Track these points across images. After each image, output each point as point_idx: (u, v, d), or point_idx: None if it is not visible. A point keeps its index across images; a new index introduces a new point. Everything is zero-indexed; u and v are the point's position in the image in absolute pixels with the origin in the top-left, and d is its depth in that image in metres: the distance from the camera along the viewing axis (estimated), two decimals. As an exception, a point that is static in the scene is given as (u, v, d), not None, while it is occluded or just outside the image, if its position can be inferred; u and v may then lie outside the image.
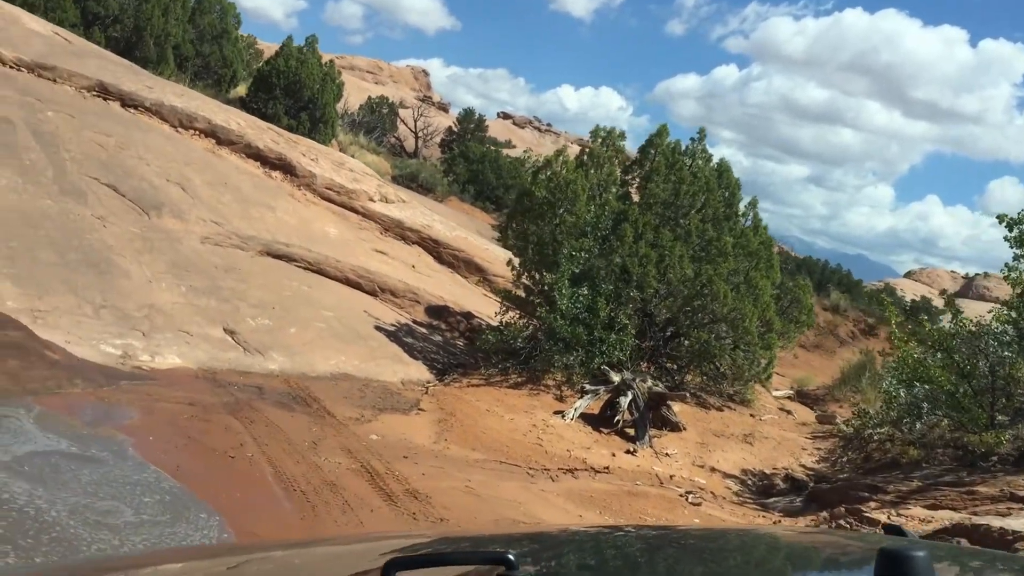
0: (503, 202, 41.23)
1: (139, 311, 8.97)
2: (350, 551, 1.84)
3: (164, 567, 1.79)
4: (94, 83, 13.76)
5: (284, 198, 14.52)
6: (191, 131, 14.67)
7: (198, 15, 29.49)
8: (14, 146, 10.66)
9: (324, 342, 10.69)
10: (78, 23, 24.93)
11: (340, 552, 1.85)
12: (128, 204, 11.14)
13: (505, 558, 1.19)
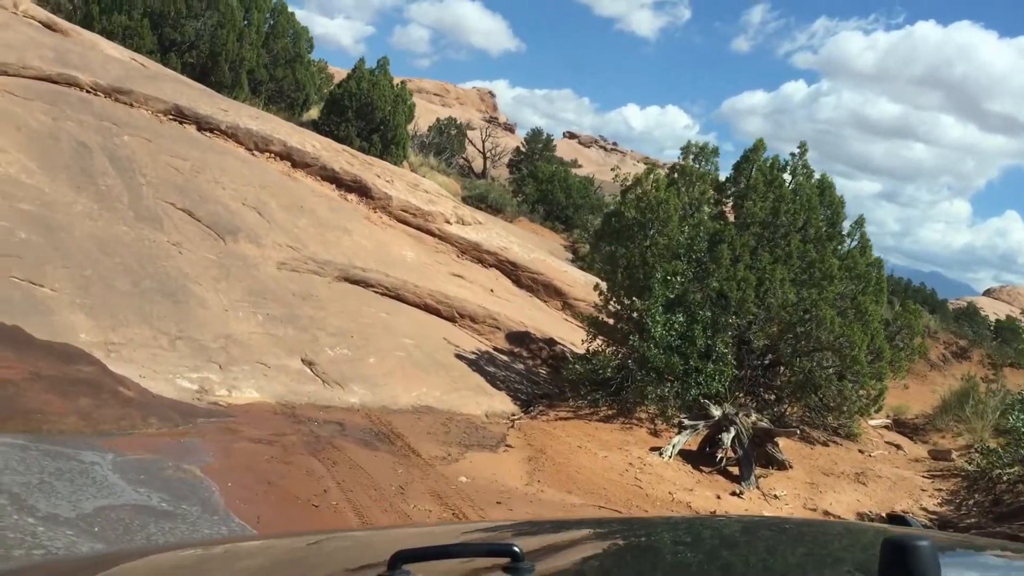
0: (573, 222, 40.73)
1: (216, 342, 8.56)
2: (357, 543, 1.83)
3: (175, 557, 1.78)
4: (170, 107, 13.57)
5: (360, 221, 14.12)
6: (266, 154, 14.39)
7: (272, 40, 29.60)
8: (90, 171, 10.42)
9: (405, 372, 10.17)
10: (155, 50, 25.15)
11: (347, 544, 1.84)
12: (204, 229, 10.81)
13: (511, 549, 1.18)
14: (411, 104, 31.42)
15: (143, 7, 25.62)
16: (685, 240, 10.94)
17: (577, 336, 14.78)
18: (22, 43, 12.59)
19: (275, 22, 30.14)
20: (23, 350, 6.72)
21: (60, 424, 6.00)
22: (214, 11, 26.52)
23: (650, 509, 7.87)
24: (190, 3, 26.12)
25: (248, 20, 28.26)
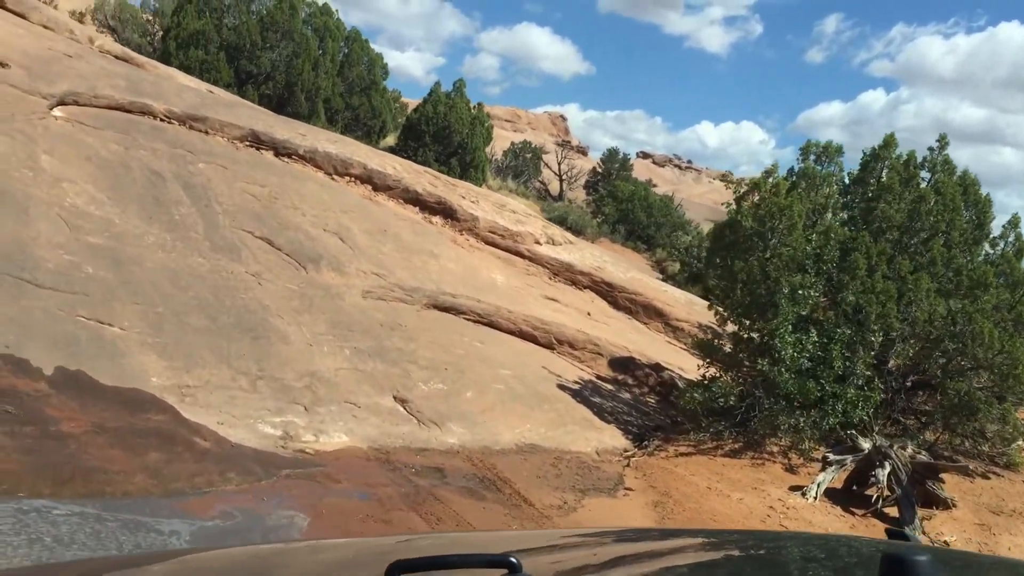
0: (655, 241, 39.51)
1: (300, 381, 7.70)
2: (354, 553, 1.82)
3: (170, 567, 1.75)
4: (246, 132, 12.95)
5: (446, 244, 13.26)
6: (346, 178, 13.67)
7: (347, 68, 29.26)
8: (164, 200, 9.76)
9: (505, 407, 9.19)
10: (232, 83, 24.96)
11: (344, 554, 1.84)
12: (284, 258, 10.04)
13: (508, 561, 1.18)
14: (489, 126, 30.71)
15: (219, 41, 25.48)
16: (812, 250, 9.74)
17: (683, 360, 13.61)
18: (94, 73, 12.13)
19: (349, 50, 29.82)
20: (87, 398, 5.94)
21: (126, 484, 5.16)
22: (289, 41, 26.25)
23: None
24: (265, 35, 25.89)
25: (323, 49, 27.96)
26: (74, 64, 12.17)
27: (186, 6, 26.15)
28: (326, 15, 29.15)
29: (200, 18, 25.88)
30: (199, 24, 25.41)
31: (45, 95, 10.52)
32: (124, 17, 34.45)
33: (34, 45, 12.28)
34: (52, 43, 13.01)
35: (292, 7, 26.68)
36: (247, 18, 26.28)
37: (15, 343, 6.13)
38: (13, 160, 8.42)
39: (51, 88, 10.77)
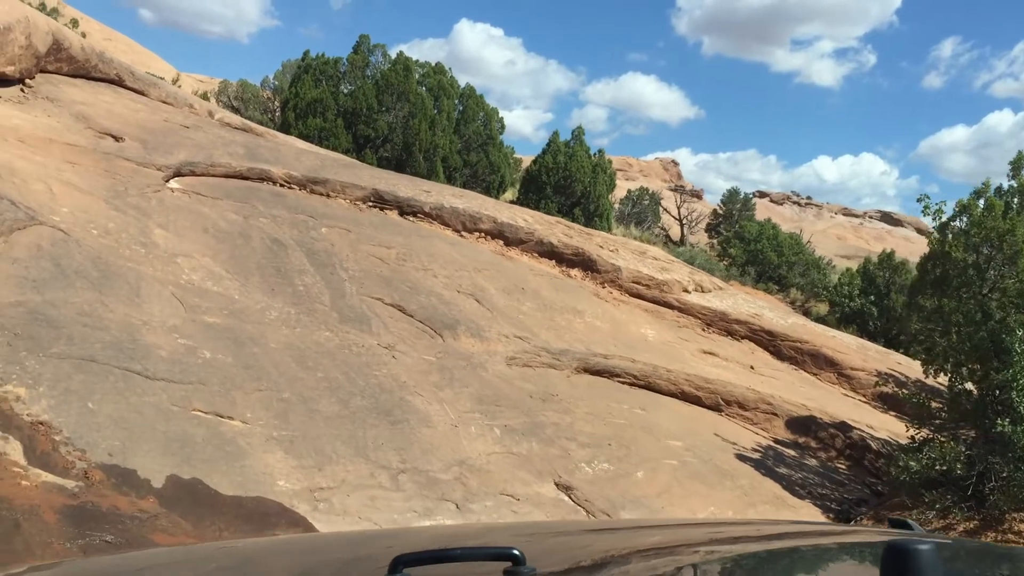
0: (787, 281, 37.38)
1: (447, 471, 6.53)
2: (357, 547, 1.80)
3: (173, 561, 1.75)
4: (369, 193, 12.13)
5: (589, 299, 12.02)
6: (476, 233, 12.66)
7: (463, 125, 28.74)
8: (286, 270, 8.88)
9: (683, 487, 7.79)
10: (351, 148, 24.70)
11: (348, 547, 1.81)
12: (418, 326, 8.99)
13: (512, 553, 1.16)
14: (611, 173, 29.58)
15: (336, 108, 25.33)
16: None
17: (867, 415, 11.88)
18: (211, 142, 11.55)
19: (464, 107, 29.31)
20: (203, 514, 4.91)
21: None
22: (405, 103, 25.88)
23: None
24: (381, 98, 25.61)
25: (438, 108, 27.53)
26: (191, 134, 11.63)
27: (303, 76, 26.19)
28: (439, 74, 28.80)
29: (317, 87, 25.84)
30: (316, 92, 25.34)
31: (160, 167, 9.91)
32: (246, 97, 35.16)
33: (151, 119, 11.83)
34: (169, 116, 12.58)
35: (406, 68, 26.38)
36: (363, 83, 26.09)
37: (121, 449, 5.18)
38: (124, 237, 7.68)
39: (167, 159, 10.17)
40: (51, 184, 7.84)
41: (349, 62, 26.71)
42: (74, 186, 8.21)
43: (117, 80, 13.56)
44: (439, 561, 1.21)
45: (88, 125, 10.31)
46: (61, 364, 5.67)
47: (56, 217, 7.26)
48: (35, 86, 10.98)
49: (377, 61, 27.34)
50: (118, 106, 11.81)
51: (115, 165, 9.41)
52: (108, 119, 10.80)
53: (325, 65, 26.41)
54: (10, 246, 6.51)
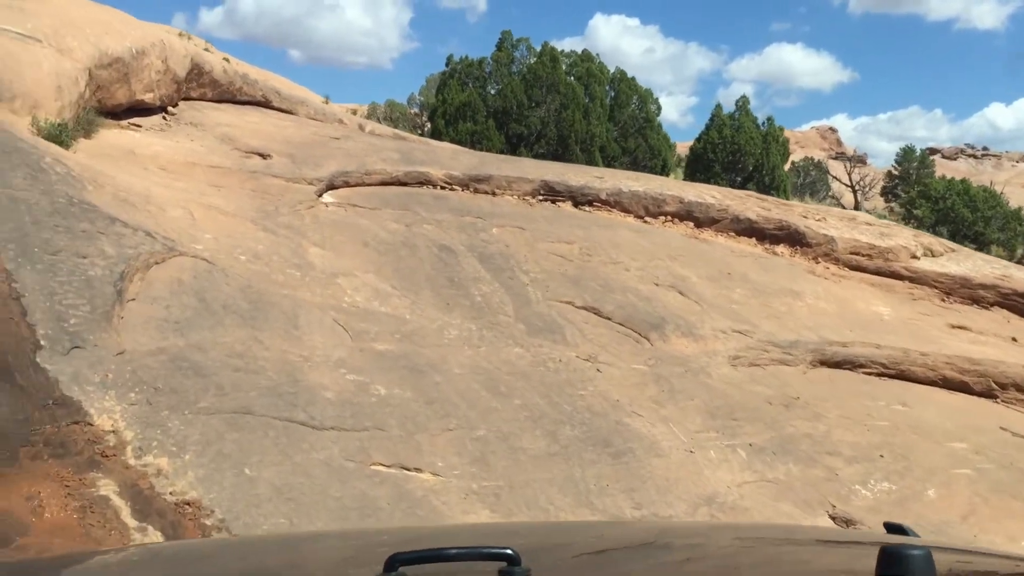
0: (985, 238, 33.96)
1: (694, 513, 5.09)
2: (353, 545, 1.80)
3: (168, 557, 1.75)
4: (537, 185, 10.84)
5: (804, 277, 10.26)
6: (661, 217, 11.13)
7: (616, 111, 27.23)
8: (459, 280, 7.68)
9: (990, 505, 6.03)
10: (504, 148, 23.69)
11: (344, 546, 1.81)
12: (618, 330, 7.59)
13: (507, 553, 1.17)
14: (784, 141, 27.27)
15: (485, 109, 24.40)
16: None
17: None
18: (362, 150, 10.58)
19: (617, 92, 27.79)
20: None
21: None
22: (555, 95, 24.63)
23: None
24: (531, 93, 24.47)
25: (590, 96, 26.13)
26: (341, 144, 10.71)
27: (449, 82, 25.43)
28: (587, 61, 27.42)
29: (463, 90, 25.00)
30: (463, 96, 24.49)
31: (311, 180, 8.95)
32: (395, 116, 34.99)
33: (299, 134, 11.00)
34: (318, 130, 11.75)
35: (554, 60, 25.15)
36: (510, 80, 25.04)
37: (288, 528, 4.02)
38: (276, 260, 6.65)
39: (317, 172, 9.22)
40: (192, 209, 6.93)
41: (494, 60, 25.73)
42: (218, 209, 7.30)
43: (264, 102, 12.91)
44: (434, 560, 1.20)
45: (233, 146, 9.50)
46: (211, 421, 4.60)
47: (198, 245, 6.30)
48: (177, 113, 10.32)
49: (522, 56, 26.23)
50: (265, 125, 11.04)
51: (263, 183, 8.51)
52: (254, 138, 9.98)
53: (470, 67, 25.55)
54: (147, 284, 5.55)
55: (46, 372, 4.52)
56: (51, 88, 7.81)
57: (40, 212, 5.53)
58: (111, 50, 9.00)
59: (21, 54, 7.89)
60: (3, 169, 5.80)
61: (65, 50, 8.39)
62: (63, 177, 6.15)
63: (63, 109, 7.80)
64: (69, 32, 8.70)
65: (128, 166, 7.72)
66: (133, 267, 5.51)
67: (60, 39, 8.47)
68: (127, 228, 5.90)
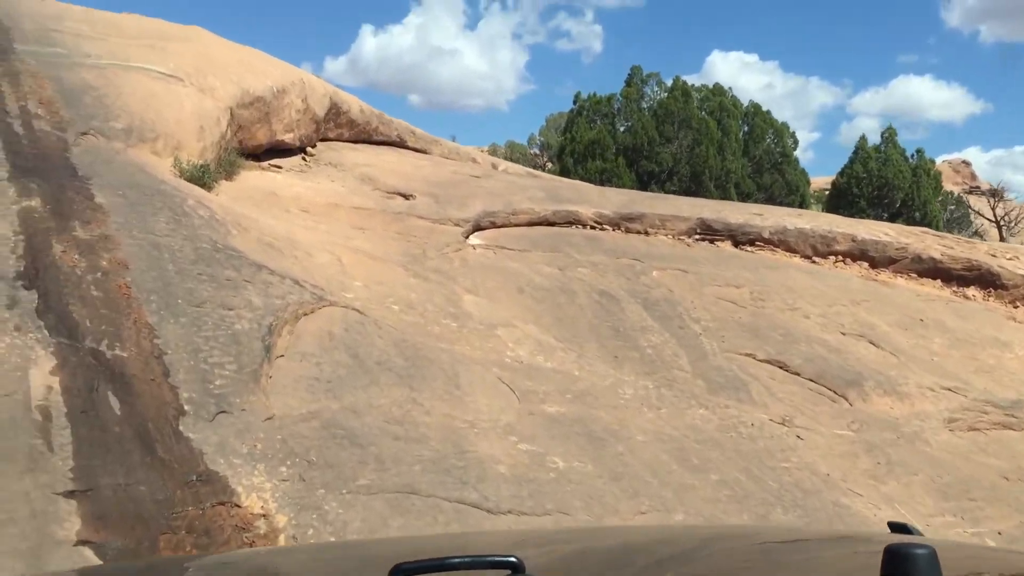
0: None
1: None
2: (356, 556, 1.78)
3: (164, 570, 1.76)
4: (693, 224, 9.98)
5: (1006, 325, 9.02)
6: (831, 257, 10.08)
7: (751, 145, 26.08)
8: (624, 329, 6.89)
9: None
10: (634, 186, 22.89)
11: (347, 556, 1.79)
12: (809, 387, 6.62)
13: (511, 561, 1.16)
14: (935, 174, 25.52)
15: (615, 146, 23.69)
16: None
17: None
18: (506, 189, 9.97)
19: (751, 127, 26.65)
20: None
21: None
22: (687, 130, 23.71)
23: None
24: (662, 129, 23.63)
25: (723, 130, 25.09)
26: (483, 183, 10.13)
27: (576, 119, 24.86)
28: (719, 95, 26.41)
29: (592, 128, 24.37)
30: (592, 134, 23.85)
31: (457, 221, 8.36)
32: (515, 156, 34.75)
33: (438, 173, 10.48)
34: (456, 168, 11.23)
35: (685, 94, 24.28)
36: (640, 116, 24.28)
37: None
38: (430, 309, 6.01)
39: (462, 212, 8.63)
40: (339, 254, 6.38)
41: (623, 97, 25.03)
42: (365, 253, 6.74)
43: (399, 141, 12.52)
44: (439, 570, 1.18)
45: (374, 186, 9.03)
46: (372, 503, 3.92)
47: (348, 294, 5.71)
48: (316, 154, 9.96)
49: (652, 92, 25.46)
50: (403, 165, 10.59)
51: (408, 225, 7.96)
52: (394, 178, 9.50)
53: (598, 104, 24.92)
54: (296, 337, 4.96)
55: (189, 442, 3.95)
56: (193, 128, 7.47)
57: (183, 259, 5.04)
58: (252, 89, 8.68)
59: (163, 94, 7.60)
60: (145, 213, 5.36)
61: (207, 89, 8.09)
62: (207, 221, 5.69)
63: (205, 150, 7.44)
64: (211, 71, 8.42)
65: (271, 208, 7.28)
66: (281, 319, 4.94)
67: (202, 78, 8.18)
68: (274, 276, 5.36)
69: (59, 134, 6.14)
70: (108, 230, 5.00)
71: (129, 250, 4.90)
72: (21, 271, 4.35)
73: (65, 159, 5.86)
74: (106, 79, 7.44)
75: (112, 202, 5.38)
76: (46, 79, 6.91)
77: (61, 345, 4.00)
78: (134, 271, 4.72)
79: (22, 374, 3.76)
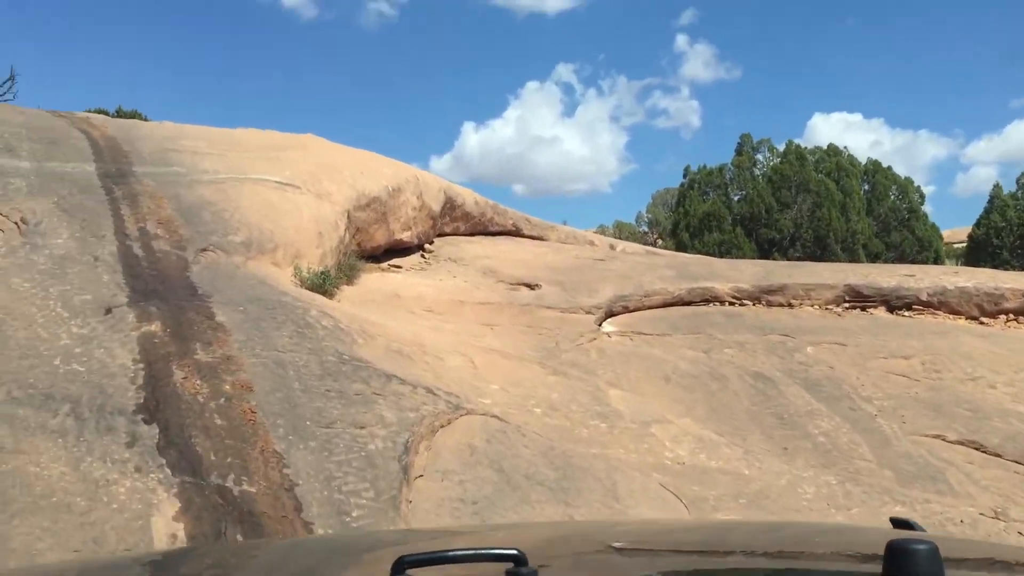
0: None
1: None
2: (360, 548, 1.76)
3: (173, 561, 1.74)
4: (840, 291, 9.19)
5: None
6: (1000, 316, 9.10)
7: (874, 203, 24.89)
8: (789, 416, 6.17)
9: None
10: (754, 255, 22.02)
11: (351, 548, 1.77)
12: (1014, 468, 5.74)
13: (514, 554, 1.15)
14: (1083, 216, 23.74)
15: (731, 216, 22.93)
16: None
17: None
18: (633, 270, 9.43)
19: (872, 184, 25.51)
20: None
21: None
22: (805, 194, 22.78)
23: None
24: (778, 195, 22.78)
25: (843, 191, 24.04)
26: (608, 266, 9.62)
27: (688, 193, 24.28)
28: (835, 156, 25.43)
29: (705, 200, 23.72)
30: (706, 206, 23.20)
31: (588, 308, 7.85)
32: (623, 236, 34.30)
33: (559, 259, 10.05)
34: (577, 253, 10.79)
35: (800, 158, 23.44)
36: (754, 184, 23.52)
37: None
38: (575, 410, 5.46)
39: (593, 299, 8.11)
40: (471, 355, 5.92)
41: (735, 166, 24.37)
42: (497, 352, 6.27)
43: (514, 230, 12.20)
44: (442, 562, 1.18)
45: (497, 278, 8.63)
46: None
47: (486, 399, 5.22)
48: (434, 250, 9.68)
49: (764, 158, 24.70)
50: (522, 253, 10.21)
51: (537, 317, 7.49)
52: (516, 268, 9.10)
53: (709, 176, 24.31)
54: (434, 454, 4.47)
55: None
56: (312, 235, 7.25)
57: (309, 376, 4.66)
58: (368, 190, 8.49)
59: (280, 203, 7.43)
60: (267, 329, 5.04)
61: (323, 194, 7.91)
62: (331, 331, 5.33)
63: (325, 256, 7.20)
64: (325, 175, 8.27)
65: (395, 311, 6.93)
66: (418, 435, 4.47)
67: (317, 183, 8.02)
68: (405, 385, 4.92)
69: (178, 253, 5.96)
70: (230, 350, 4.68)
71: (253, 370, 4.55)
72: (141, 403, 4.02)
73: (185, 278, 5.64)
74: (224, 193, 7.33)
75: (233, 319, 5.09)
76: (165, 198, 6.82)
77: (185, 484, 3.61)
78: (259, 393, 4.35)
79: (144, 522, 3.37)
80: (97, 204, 6.45)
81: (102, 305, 4.97)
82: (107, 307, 4.95)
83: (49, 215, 6.06)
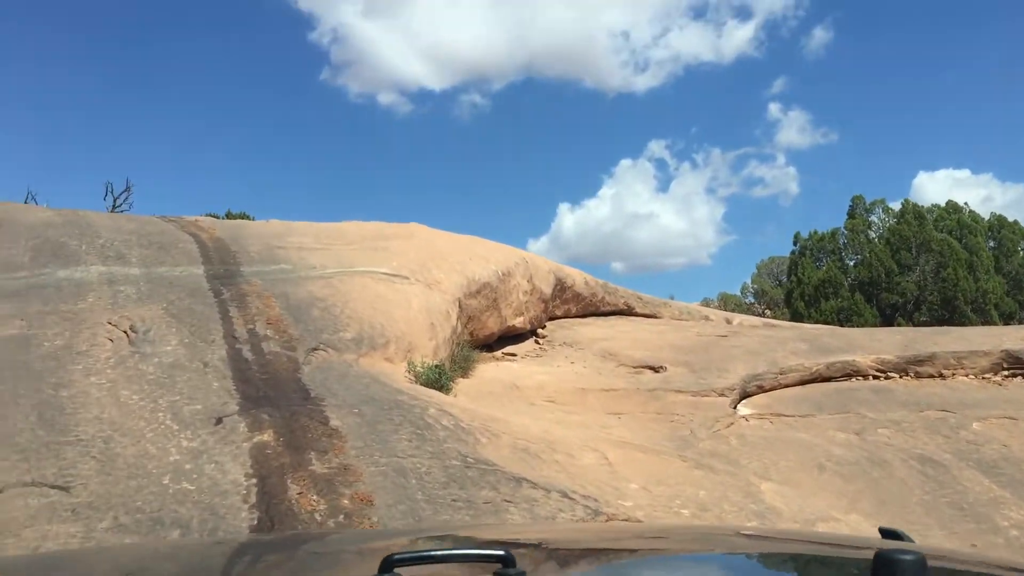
0: None
1: None
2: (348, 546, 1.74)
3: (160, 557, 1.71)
4: (997, 358, 8.34)
5: None
6: None
7: (1002, 260, 23.43)
8: (970, 505, 5.41)
9: None
10: (875, 321, 20.84)
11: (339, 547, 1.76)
12: None
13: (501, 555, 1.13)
14: None
15: (847, 282, 21.87)
16: None
17: None
18: (761, 346, 8.78)
19: (998, 240, 24.08)
20: None
21: None
22: (927, 254, 21.58)
23: None
24: (898, 257, 21.66)
25: (968, 249, 22.71)
26: (733, 343, 9.00)
27: (800, 260, 23.33)
28: (955, 212, 24.18)
29: (819, 267, 22.75)
30: (821, 273, 22.20)
31: (720, 391, 7.24)
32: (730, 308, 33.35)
33: (679, 337, 9.47)
34: (698, 330, 10.18)
35: (919, 217, 22.31)
36: (870, 247, 22.45)
37: None
38: (728, 508, 4.85)
39: (724, 380, 7.51)
40: (603, 450, 5.40)
41: (848, 230, 23.36)
42: (630, 445, 5.72)
43: (626, 309, 11.70)
44: (429, 562, 1.16)
45: (618, 362, 8.12)
46: None
47: (627, 502, 4.67)
48: (548, 334, 9.25)
49: (879, 220, 23.65)
50: (640, 333, 9.68)
51: (666, 403, 6.92)
52: (636, 349, 8.57)
53: (821, 241, 23.36)
54: (577, 569, 3.93)
55: None
56: (423, 326, 6.92)
57: (433, 483, 4.22)
58: (477, 276, 8.16)
59: (389, 294, 7.15)
60: (385, 432, 4.64)
61: (432, 283, 7.60)
62: (452, 431, 4.90)
63: (438, 348, 6.84)
64: (433, 264, 7.98)
65: (515, 403, 6.48)
66: (557, 548, 3.94)
67: (426, 272, 7.73)
68: (537, 489, 4.42)
69: (289, 354, 5.68)
70: (347, 458, 4.28)
71: (372, 480, 4.14)
72: (255, 525, 3.65)
73: (296, 380, 5.33)
74: (332, 288, 7.10)
75: (348, 423, 4.72)
76: (273, 297, 6.60)
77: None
78: (379, 507, 3.92)
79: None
80: (206, 307, 6.27)
81: (212, 415, 4.67)
82: (217, 417, 4.65)
83: (158, 321, 5.88)
